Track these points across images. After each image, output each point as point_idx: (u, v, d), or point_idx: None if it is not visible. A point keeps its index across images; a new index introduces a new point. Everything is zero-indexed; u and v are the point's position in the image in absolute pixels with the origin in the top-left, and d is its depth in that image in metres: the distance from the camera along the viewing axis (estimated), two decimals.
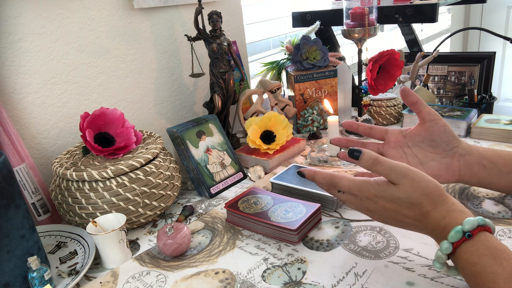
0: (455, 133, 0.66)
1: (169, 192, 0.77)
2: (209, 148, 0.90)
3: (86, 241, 0.69)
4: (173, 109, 1.09)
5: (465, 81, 1.52)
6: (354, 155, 0.53)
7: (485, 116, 1.04)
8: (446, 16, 2.81)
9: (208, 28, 0.96)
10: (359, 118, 1.11)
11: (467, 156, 0.64)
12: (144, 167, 0.73)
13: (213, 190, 0.86)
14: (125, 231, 0.65)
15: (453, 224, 0.47)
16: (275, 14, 1.58)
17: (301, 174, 0.58)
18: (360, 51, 1.04)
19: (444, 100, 1.57)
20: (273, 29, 1.58)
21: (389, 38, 2.27)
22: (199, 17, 0.94)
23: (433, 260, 0.49)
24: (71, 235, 0.72)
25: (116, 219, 0.67)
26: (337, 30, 1.52)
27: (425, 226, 0.50)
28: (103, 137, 0.78)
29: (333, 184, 0.55)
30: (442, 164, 0.65)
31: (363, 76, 1.24)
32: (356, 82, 1.26)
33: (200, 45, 1.04)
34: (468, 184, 0.66)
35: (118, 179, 0.70)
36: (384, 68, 1.04)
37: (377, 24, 1.01)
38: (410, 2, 1.20)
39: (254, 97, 1.12)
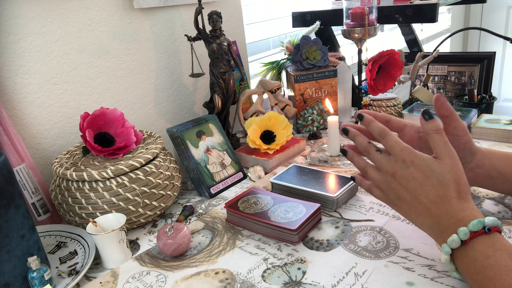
0: (474, 146, 0.63)
1: (169, 192, 0.77)
2: (209, 148, 0.90)
3: (86, 241, 0.69)
4: (173, 109, 1.09)
5: (465, 81, 1.52)
6: (425, 116, 0.55)
7: (485, 116, 1.04)
8: (446, 16, 2.81)
9: (208, 28, 0.96)
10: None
11: (476, 169, 0.63)
12: (144, 167, 0.73)
13: (213, 190, 0.86)
14: (125, 231, 0.65)
15: (472, 218, 0.48)
16: (275, 14, 1.58)
17: (360, 116, 0.59)
18: (360, 51, 1.04)
19: None
20: (273, 29, 1.58)
21: (389, 38, 2.27)
22: (199, 17, 0.94)
23: (444, 244, 0.49)
24: (71, 235, 0.72)
25: (116, 219, 0.67)
26: (337, 30, 1.52)
27: (439, 212, 0.51)
28: (103, 137, 0.78)
29: (383, 135, 0.56)
30: None
31: (363, 76, 1.24)
32: (356, 82, 1.26)
33: (200, 45, 1.04)
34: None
35: (118, 179, 0.70)
36: (384, 68, 1.04)
37: (377, 24, 1.01)
38: (410, 2, 1.20)
39: (254, 97, 1.12)
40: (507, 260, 0.44)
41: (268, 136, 0.97)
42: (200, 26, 0.95)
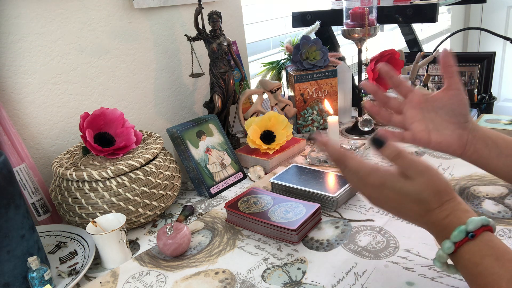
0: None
1: (169, 192, 0.77)
2: (209, 148, 0.90)
3: (86, 241, 0.69)
4: (173, 109, 1.09)
5: (465, 81, 1.52)
6: (376, 144, 0.52)
7: (485, 116, 1.04)
8: (446, 16, 2.81)
9: (208, 28, 0.96)
10: (359, 118, 1.11)
11: (474, 132, 0.63)
12: (144, 167, 0.73)
13: (213, 190, 0.86)
14: (125, 231, 0.65)
15: (456, 224, 0.46)
16: (275, 14, 1.58)
17: (312, 139, 0.57)
18: (360, 51, 1.04)
19: None
20: (273, 29, 1.58)
21: (389, 38, 2.27)
22: (199, 17, 0.94)
23: (434, 259, 0.49)
24: (71, 235, 0.72)
25: (116, 219, 0.67)
26: (337, 30, 1.52)
27: (425, 221, 0.50)
28: (103, 137, 0.78)
29: (342, 161, 0.54)
30: (455, 133, 0.64)
31: (363, 76, 1.24)
32: (356, 82, 1.26)
33: (200, 45, 1.04)
34: (469, 161, 0.65)
35: (118, 179, 0.70)
36: None
37: (377, 24, 1.01)
38: (410, 2, 1.20)
39: (254, 97, 1.12)
40: (495, 267, 0.43)
41: (268, 136, 0.97)
42: (200, 26, 0.95)
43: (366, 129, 1.07)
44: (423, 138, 0.64)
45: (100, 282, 0.61)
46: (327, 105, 0.99)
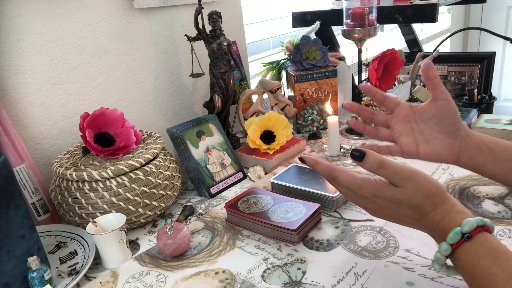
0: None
1: (169, 192, 0.77)
2: (209, 148, 0.90)
3: (86, 241, 0.69)
4: (173, 109, 1.09)
5: (465, 81, 1.52)
6: (356, 157, 0.52)
7: (485, 116, 1.04)
8: (446, 16, 2.81)
9: (208, 28, 0.96)
10: (359, 117, 1.11)
11: (467, 139, 0.64)
12: (144, 167, 0.73)
13: (213, 190, 0.86)
14: (125, 231, 0.65)
15: (452, 225, 0.47)
16: (275, 14, 1.58)
17: (302, 160, 0.57)
18: (360, 51, 1.05)
19: None
20: (273, 29, 1.58)
21: (389, 38, 2.27)
22: (199, 17, 0.94)
23: (432, 261, 0.49)
24: (71, 235, 0.72)
25: (116, 219, 0.67)
26: (337, 30, 1.52)
27: (423, 225, 0.51)
28: (103, 137, 0.78)
29: (333, 177, 0.54)
30: (445, 143, 0.64)
31: (363, 76, 1.24)
32: (356, 82, 1.26)
33: (200, 45, 1.04)
34: (464, 168, 0.65)
35: (118, 179, 0.70)
36: (385, 67, 1.04)
37: (377, 24, 1.01)
38: (410, 2, 1.20)
39: (254, 97, 1.12)
40: (492, 267, 0.43)
41: (268, 136, 0.97)
42: (200, 26, 0.95)
43: None
44: (411, 150, 0.64)
45: (100, 282, 0.61)
46: (327, 108, 0.99)
